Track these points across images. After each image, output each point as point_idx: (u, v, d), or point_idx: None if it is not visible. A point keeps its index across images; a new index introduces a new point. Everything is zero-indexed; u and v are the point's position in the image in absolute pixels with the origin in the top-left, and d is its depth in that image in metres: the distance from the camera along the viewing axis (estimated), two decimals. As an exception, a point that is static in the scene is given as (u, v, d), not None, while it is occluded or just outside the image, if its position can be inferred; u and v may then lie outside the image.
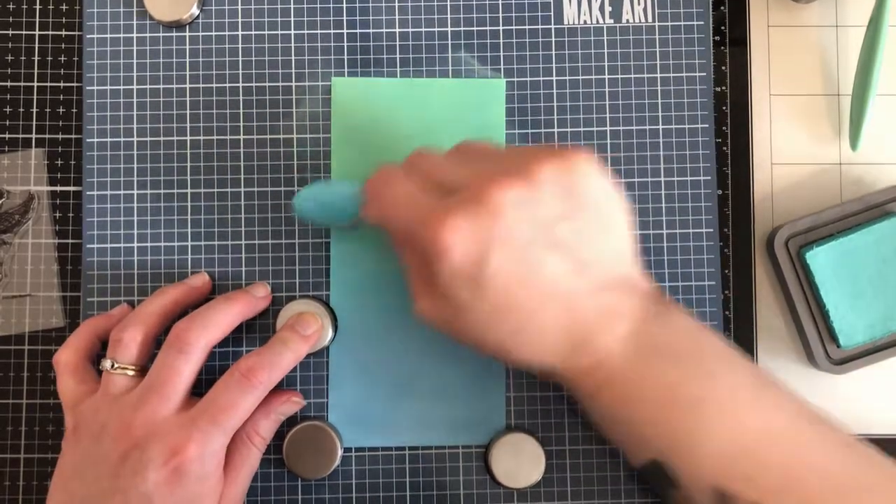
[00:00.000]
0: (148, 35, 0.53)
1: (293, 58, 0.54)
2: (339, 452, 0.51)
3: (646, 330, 0.43)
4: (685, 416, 0.42)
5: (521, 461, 0.51)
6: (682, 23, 0.54)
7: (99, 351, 0.50)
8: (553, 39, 0.54)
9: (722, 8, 0.55)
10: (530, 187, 0.41)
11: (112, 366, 0.47)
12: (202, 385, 0.48)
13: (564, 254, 0.42)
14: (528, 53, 0.54)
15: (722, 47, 0.55)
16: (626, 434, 0.44)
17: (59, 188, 0.53)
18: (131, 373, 0.47)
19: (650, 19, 0.54)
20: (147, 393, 0.45)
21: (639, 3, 0.54)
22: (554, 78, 0.54)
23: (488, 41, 0.54)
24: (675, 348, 0.43)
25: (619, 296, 0.43)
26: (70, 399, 0.48)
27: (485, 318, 0.42)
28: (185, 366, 0.46)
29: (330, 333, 0.51)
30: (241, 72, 0.53)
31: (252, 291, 0.51)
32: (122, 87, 0.53)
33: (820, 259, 0.51)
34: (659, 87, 0.54)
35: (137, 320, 0.48)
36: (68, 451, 0.46)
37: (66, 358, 0.49)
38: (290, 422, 0.51)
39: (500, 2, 0.54)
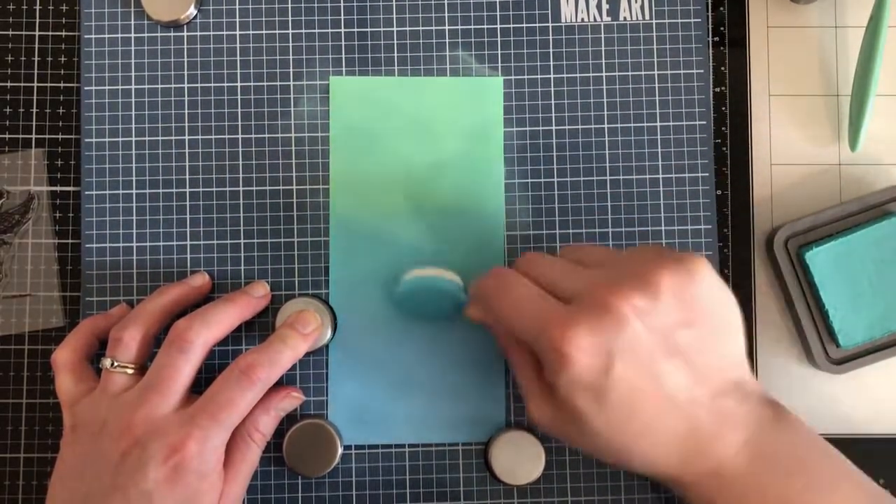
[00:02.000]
0: (146, 35, 0.53)
1: (291, 57, 0.54)
2: (339, 450, 0.51)
3: (762, 438, 0.43)
4: None
5: (520, 458, 0.51)
6: (679, 20, 0.54)
7: (97, 350, 0.50)
8: (550, 37, 0.54)
9: (721, 8, 0.55)
10: (652, 296, 0.41)
11: (112, 364, 0.47)
12: (202, 384, 0.48)
13: (684, 362, 0.42)
14: (525, 51, 0.54)
15: (721, 48, 0.55)
16: None
17: (59, 188, 0.53)
18: (131, 371, 0.47)
19: (647, 17, 0.54)
20: (147, 391, 0.46)
21: (636, 1, 0.54)
22: (551, 76, 0.53)
23: (486, 39, 0.54)
24: (793, 458, 0.43)
25: (735, 402, 0.43)
26: (68, 398, 0.48)
27: (602, 426, 0.42)
28: (185, 364, 0.46)
29: (329, 332, 0.51)
30: (238, 71, 0.53)
31: (251, 291, 0.51)
32: (120, 87, 0.53)
33: (819, 259, 0.50)
34: (657, 85, 0.53)
35: (137, 319, 0.48)
36: (67, 450, 0.46)
37: (64, 357, 0.49)
38: (290, 420, 0.52)
39: (497, 0, 0.54)
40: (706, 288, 0.42)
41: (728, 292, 0.43)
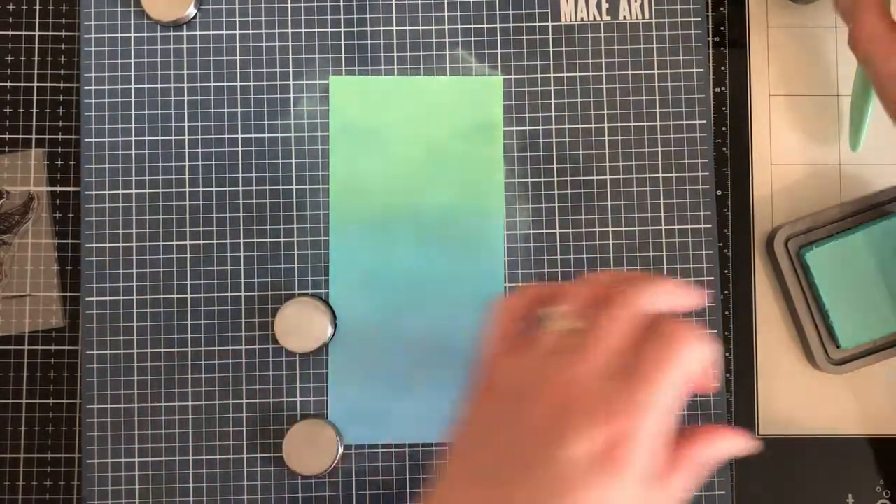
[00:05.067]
0: (146, 35, 0.53)
1: (290, 56, 0.54)
2: (339, 450, 0.51)
3: None
4: None
5: (521, 458, 0.51)
6: (678, 19, 0.54)
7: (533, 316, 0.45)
8: (550, 36, 0.54)
9: (721, 9, 0.54)
10: None
11: (551, 321, 0.42)
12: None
13: None
14: (525, 51, 0.53)
15: (721, 48, 0.54)
16: None
17: (59, 188, 0.54)
18: (567, 331, 0.41)
19: (647, 16, 0.54)
20: (577, 354, 0.40)
21: (636, 1, 0.54)
22: (552, 75, 0.53)
23: (486, 39, 0.54)
24: None
25: None
26: (493, 354, 0.43)
27: None
28: (616, 328, 0.40)
29: (329, 331, 0.51)
30: (238, 71, 0.53)
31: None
32: (119, 87, 0.53)
33: (820, 259, 0.50)
34: (657, 84, 0.53)
35: (586, 283, 0.43)
36: (481, 409, 0.42)
37: (504, 310, 0.44)
38: (290, 419, 0.52)
39: (496, -1, 0.54)
40: None
41: None
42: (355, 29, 0.54)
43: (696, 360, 0.40)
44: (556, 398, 0.39)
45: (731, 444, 0.42)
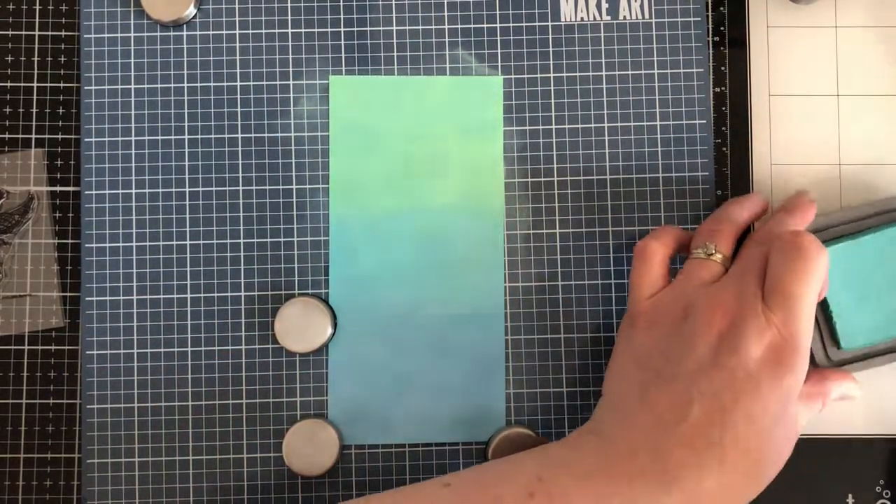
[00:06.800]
0: (145, 34, 0.53)
1: (290, 56, 0.54)
2: (339, 450, 0.51)
3: None
4: None
5: (521, 458, 0.51)
6: (678, 19, 0.54)
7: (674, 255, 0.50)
8: (550, 36, 0.54)
9: (721, 8, 0.54)
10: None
11: (712, 251, 0.47)
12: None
13: None
14: (525, 51, 0.54)
15: (721, 48, 0.54)
16: None
17: (58, 188, 0.54)
18: (720, 261, 0.47)
19: (647, 16, 0.54)
20: (738, 278, 0.45)
21: (635, 1, 0.54)
22: (551, 75, 0.53)
23: (485, 39, 0.54)
24: None
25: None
26: (643, 288, 0.48)
27: None
28: (754, 252, 0.46)
29: (329, 331, 0.51)
30: (238, 71, 0.53)
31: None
32: (119, 87, 0.53)
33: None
34: (656, 84, 0.53)
35: (730, 217, 0.49)
36: (637, 338, 0.46)
37: (655, 248, 0.49)
38: (290, 419, 0.52)
39: (496, -1, 0.54)
40: None
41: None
42: (355, 29, 0.54)
43: (825, 267, 0.45)
44: (728, 313, 0.43)
45: (852, 388, 0.50)
